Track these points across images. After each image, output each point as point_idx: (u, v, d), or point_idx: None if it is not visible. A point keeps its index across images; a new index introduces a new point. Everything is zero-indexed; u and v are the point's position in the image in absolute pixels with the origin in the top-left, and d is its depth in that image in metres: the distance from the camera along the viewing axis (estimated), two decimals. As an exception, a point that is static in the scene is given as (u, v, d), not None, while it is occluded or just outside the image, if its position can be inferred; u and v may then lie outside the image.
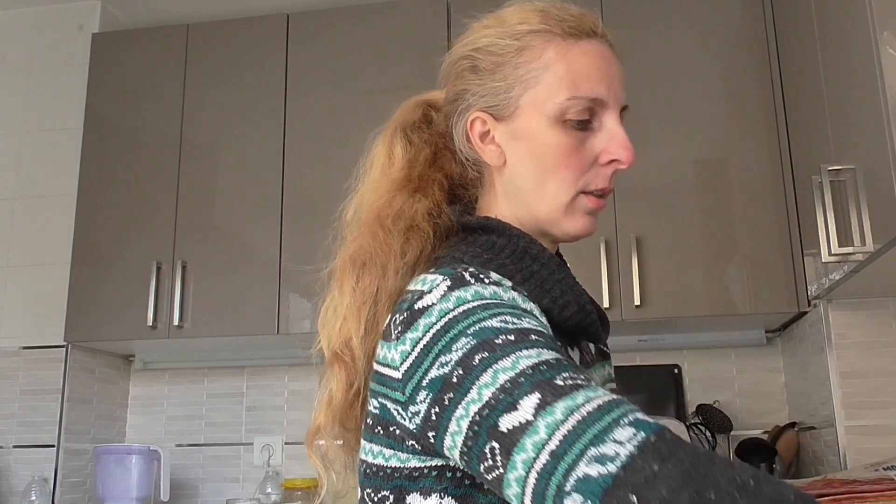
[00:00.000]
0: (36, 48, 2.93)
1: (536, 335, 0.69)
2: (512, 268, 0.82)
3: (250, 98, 2.67)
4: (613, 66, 0.87)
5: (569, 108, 0.83)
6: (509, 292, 0.75)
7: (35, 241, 2.75)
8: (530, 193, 0.86)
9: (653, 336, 2.59)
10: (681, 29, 2.48)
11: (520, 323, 0.70)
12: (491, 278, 0.76)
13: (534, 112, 0.85)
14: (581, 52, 0.85)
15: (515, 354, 0.66)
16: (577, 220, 0.87)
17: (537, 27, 0.85)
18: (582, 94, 0.83)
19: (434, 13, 2.59)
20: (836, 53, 1.88)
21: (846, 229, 1.77)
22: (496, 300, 0.73)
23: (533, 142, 0.85)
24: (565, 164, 0.84)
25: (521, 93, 0.85)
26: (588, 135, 0.85)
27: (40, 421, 2.59)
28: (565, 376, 0.64)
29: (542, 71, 0.84)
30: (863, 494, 1.61)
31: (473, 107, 0.88)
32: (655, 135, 2.41)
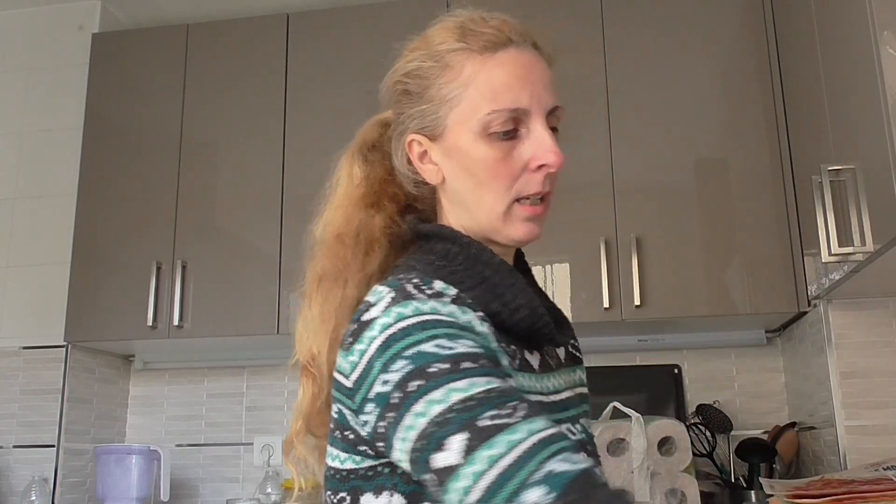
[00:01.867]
0: (36, 48, 2.93)
1: (470, 360, 0.72)
2: (463, 273, 0.85)
3: (250, 98, 2.67)
4: (535, 70, 0.89)
5: (491, 122, 0.85)
6: (448, 306, 0.78)
7: (35, 241, 2.75)
8: (470, 206, 0.89)
9: (653, 336, 2.59)
10: (681, 29, 2.48)
11: (454, 347, 0.72)
12: (433, 289, 0.79)
13: (461, 129, 0.87)
14: (497, 64, 0.87)
15: (447, 387, 0.69)
16: (518, 227, 0.89)
17: (455, 45, 0.88)
18: (502, 106, 0.85)
19: (434, 13, 2.58)
20: (836, 53, 1.88)
21: (846, 229, 1.77)
22: (434, 315, 0.76)
23: (463, 158, 0.87)
24: (495, 176, 0.86)
25: (448, 112, 0.88)
26: (516, 143, 0.87)
27: (40, 421, 2.59)
28: (493, 413, 0.66)
29: (464, 88, 0.87)
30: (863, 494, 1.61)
31: (409, 129, 0.91)
32: (655, 135, 2.41)
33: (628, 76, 2.47)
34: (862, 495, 1.61)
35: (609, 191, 2.39)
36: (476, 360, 0.72)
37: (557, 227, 2.40)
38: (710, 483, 2.31)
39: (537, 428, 0.66)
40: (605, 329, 2.47)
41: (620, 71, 2.47)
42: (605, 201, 2.38)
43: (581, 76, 2.48)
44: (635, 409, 2.16)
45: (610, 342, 2.61)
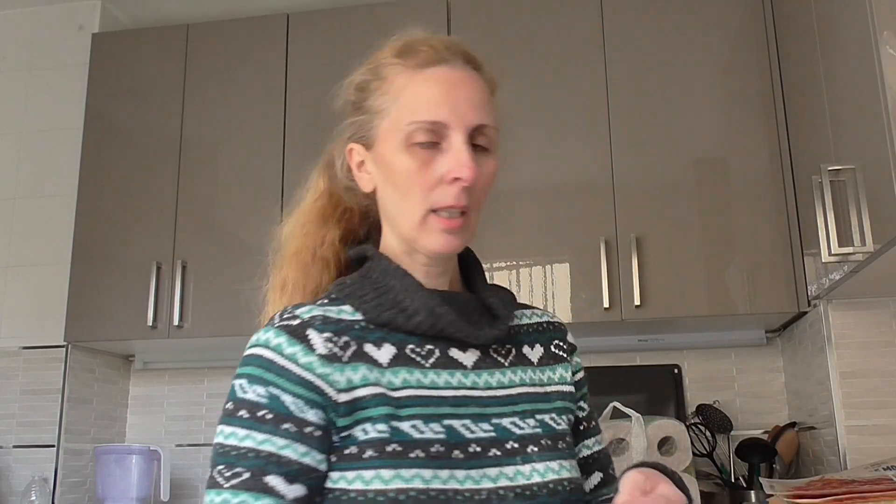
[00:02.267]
0: (36, 48, 2.93)
1: (246, 410, 0.85)
2: (371, 286, 0.94)
3: (250, 98, 2.67)
4: (461, 87, 0.93)
5: (412, 133, 0.91)
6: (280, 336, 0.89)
7: (35, 241, 2.75)
8: (395, 214, 0.95)
9: (653, 336, 2.59)
10: (681, 29, 2.48)
11: (245, 393, 0.86)
12: (292, 313, 0.91)
13: (388, 139, 0.93)
14: (424, 79, 0.92)
15: (220, 427, 0.86)
16: (434, 238, 0.93)
17: (392, 60, 0.95)
18: (421, 118, 0.90)
19: (434, 13, 2.59)
20: (836, 53, 1.88)
21: (846, 229, 1.77)
22: (259, 349, 0.89)
23: (389, 167, 0.94)
24: (412, 185, 0.91)
25: (379, 122, 0.95)
26: (435, 155, 0.91)
27: (40, 421, 2.59)
28: (221, 468, 0.84)
29: (393, 101, 0.93)
30: (863, 494, 1.61)
31: (349, 138, 0.99)
32: (655, 134, 2.41)
33: (628, 76, 2.47)
34: (862, 495, 1.61)
35: (609, 191, 2.39)
36: (253, 410, 0.85)
37: (557, 227, 2.42)
38: (710, 483, 2.31)
39: (236, 500, 0.81)
40: (605, 329, 2.47)
41: (620, 71, 2.47)
42: (605, 201, 2.38)
43: (581, 76, 2.49)
44: (635, 409, 2.16)
45: (610, 342, 2.61)
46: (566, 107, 2.47)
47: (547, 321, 1.07)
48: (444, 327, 0.91)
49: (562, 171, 2.44)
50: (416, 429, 0.86)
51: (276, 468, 0.83)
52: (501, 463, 0.89)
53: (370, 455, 0.85)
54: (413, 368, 0.90)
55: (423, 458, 0.85)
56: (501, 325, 0.97)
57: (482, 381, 0.93)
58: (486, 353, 0.96)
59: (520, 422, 0.93)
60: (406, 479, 0.83)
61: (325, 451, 0.86)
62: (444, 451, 0.86)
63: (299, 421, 0.85)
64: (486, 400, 0.92)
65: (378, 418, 0.86)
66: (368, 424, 0.86)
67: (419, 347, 0.92)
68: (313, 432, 0.85)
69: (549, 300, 2.37)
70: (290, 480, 0.83)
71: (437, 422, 0.88)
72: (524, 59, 2.52)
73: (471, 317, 0.95)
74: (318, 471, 0.85)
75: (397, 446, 0.85)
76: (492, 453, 0.89)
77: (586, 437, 1.05)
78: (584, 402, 1.06)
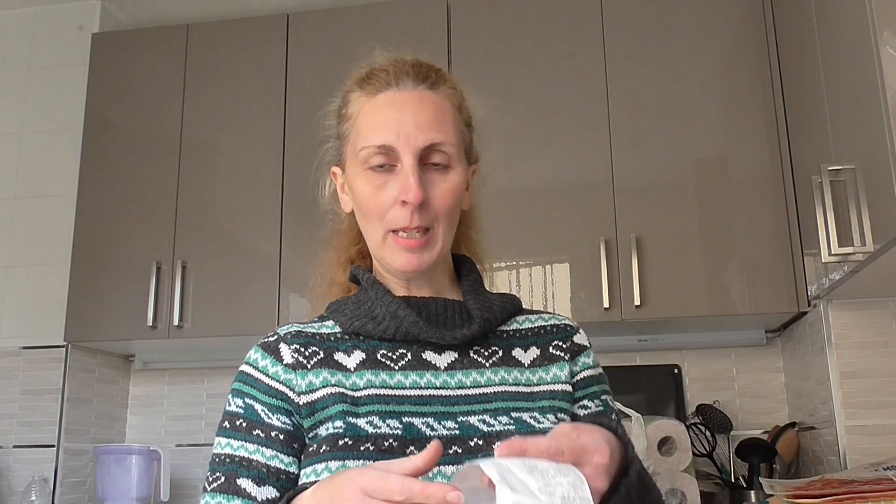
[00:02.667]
0: (36, 48, 2.93)
1: (228, 420, 0.94)
2: (351, 302, 1.01)
3: (250, 98, 2.67)
4: (407, 110, 0.95)
5: (366, 158, 0.95)
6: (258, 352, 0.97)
7: (35, 241, 2.75)
8: (364, 234, 1.01)
9: (653, 336, 2.59)
10: (681, 29, 2.48)
11: (230, 406, 0.95)
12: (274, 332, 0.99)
13: (350, 163, 0.99)
14: (374, 105, 0.97)
15: (218, 438, 0.94)
16: (396, 258, 0.96)
17: (352, 87, 1.01)
18: (370, 142, 0.95)
19: (434, 13, 2.59)
20: (836, 53, 1.88)
21: (846, 229, 1.77)
22: (244, 367, 0.98)
23: (352, 189, 1.00)
24: (369, 207, 0.96)
25: (344, 147, 1.01)
26: (390, 177, 0.95)
27: (40, 421, 2.59)
28: (217, 475, 0.92)
29: (351, 127, 0.99)
30: (863, 494, 1.61)
31: (332, 161, 1.05)
32: (655, 134, 2.41)
33: (628, 76, 2.47)
34: (862, 495, 1.61)
35: (609, 191, 2.39)
36: (233, 420, 0.94)
37: (557, 227, 2.42)
38: (710, 483, 2.31)
39: (213, 502, 0.91)
40: (605, 329, 2.47)
41: (620, 70, 2.47)
42: (605, 201, 2.38)
43: (581, 76, 2.49)
44: (635, 409, 2.16)
45: (610, 342, 2.61)
46: (566, 107, 2.47)
47: (553, 324, 1.06)
48: (407, 329, 0.95)
49: (562, 171, 2.43)
50: (371, 424, 0.89)
51: (245, 472, 0.91)
52: (461, 460, 0.88)
53: (325, 449, 0.88)
54: (379, 371, 0.94)
55: (372, 451, 0.87)
56: (473, 325, 0.98)
57: (454, 380, 0.95)
58: (464, 355, 0.98)
59: (489, 419, 0.93)
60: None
61: (295, 454, 0.92)
62: (398, 445, 0.88)
63: (267, 426, 0.92)
64: (454, 399, 0.94)
65: (336, 415, 0.90)
66: (329, 423, 0.90)
67: (391, 352, 0.96)
68: (278, 436, 0.92)
69: (549, 300, 2.37)
70: (259, 483, 0.90)
71: (396, 418, 0.90)
72: (524, 58, 2.52)
73: (446, 320, 0.99)
74: (287, 472, 0.92)
75: (349, 440, 0.88)
76: (451, 451, 0.89)
77: None
78: (590, 400, 1.03)
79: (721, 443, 2.41)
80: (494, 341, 1.00)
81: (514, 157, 2.43)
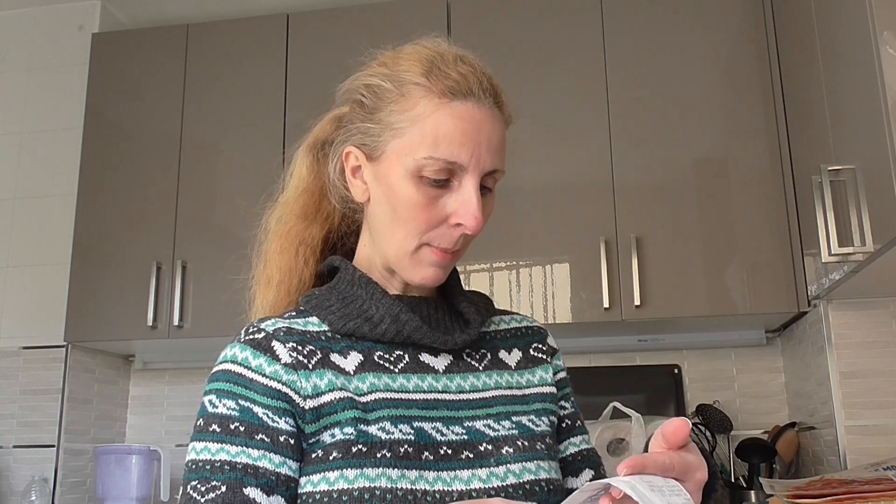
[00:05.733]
0: (36, 48, 2.93)
1: (217, 424, 0.85)
2: (335, 298, 0.94)
3: (250, 98, 2.67)
4: (484, 130, 0.88)
5: (425, 167, 0.86)
6: (246, 350, 0.89)
7: (35, 241, 2.75)
8: (382, 234, 0.92)
9: (653, 336, 2.59)
10: (681, 29, 2.48)
11: (216, 407, 0.87)
12: (258, 327, 0.92)
13: (396, 161, 0.89)
14: (450, 114, 0.87)
15: (192, 443, 0.86)
16: (422, 270, 0.91)
17: (418, 79, 0.88)
18: (439, 155, 0.86)
19: (434, 13, 2.59)
20: (836, 53, 1.88)
21: (846, 229, 1.77)
22: (226, 365, 0.89)
23: (390, 189, 0.90)
24: (413, 217, 0.88)
25: (389, 139, 0.89)
26: (444, 193, 0.88)
27: (40, 421, 2.59)
28: (195, 484, 0.83)
29: (410, 124, 0.88)
30: (863, 494, 1.61)
31: (350, 140, 0.94)
32: (655, 134, 2.41)
33: (628, 76, 2.47)
34: (862, 495, 1.61)
35: (609, 191, 2.39)
36: (225, 424, 0.85)
37: (557, 227, 2.42)
38: (710, 483, 2.31)
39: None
40: (605, 329, 2.47)
41: (620, 71, 2.47)
42: (605, 201, 2.38)
43: (581, 76, 2.49)
44: (635, 409, 2.16)
45: (610, 342, 2.61)
46: (566, 107, 2.47)
47: (526, 326, 1.06)
48: (409, 334, 0.91)
49: (562, 171, 2.43)
50: (383, 430, 0.85)
51: (253, 480, 0.82)
52: (474, 465, 0.88)
53: (335, 456, 0.84)
54: (381, 374, 0.90)
55: (389, 458, 0.84)
56: (472, 330, 0.96)
57: (454, 384, 0.93)
58: (458, 358, 0.95)
59: (494, 424, 0.92)
60: (371, 479, 0.82)
61: (299, 460, 0.86)
62: (413, 451, 0.85)
63: (272, 431, 0.85)
64: (458, 403, 0.92)
65: (345, 422, 0.85)
66: (336, 429, 0.85)
67: (388, 354, 0.92)
68: (287, 441, 0.85)
69: (549, 300, 2.37)
70: (268, 492, 0.83)
71: (407, 423, 0.87)
72: (524, 59, 2.52)
73: (440, 323, 0.96)
74: (294, 479, 0.85)
75: (363, 447, 0.84)
76: (464, 455, 0.88)
77: (572, 434, 1.04)
78: (566, 401, 1.05)
79: (721, 443, 2.41)
80: (481, 343, 0.99)
81: (514, 157, 2.42)
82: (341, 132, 0.97)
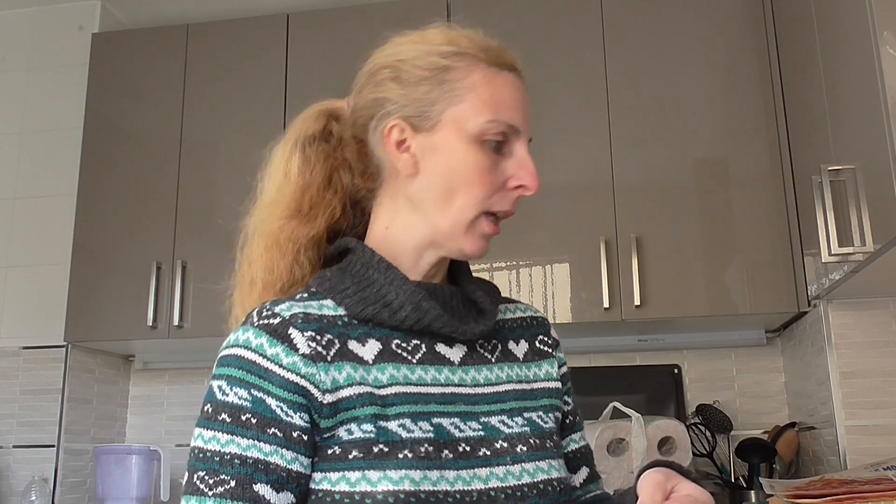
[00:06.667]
0: (36, 48, 2.93)
1: (227, 413, 0.82)
2: (349, 281, 0.91)
3: (250, 98, 2.67)
4: (526, 100, 0.95)
5: (488, 130, 0.89)
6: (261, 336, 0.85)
7: (35, 241, 2.75)
8: (435, 206, 0.91)
9: (653, 336, 2.59)
10: (681, 29, 2.48)
11: (226, 395, 0.83)
12: (271, 311, 0.87)
13: (454, 128, 0.90)
14: (503, 82, 0.92)
15: (199, 430, 0.84)
16: (474, 241, 0.92)
17: (465, 50, 0.92)
18: (501, 118, 0.90)
19: (434, 13, 2.59)
20: (836, 53, 1.88)
21: (846, 229, 1.77)
22: (237, 350, 0.85)
23: (451, 156, 0.90)
24: (478, 182, 0.89)
25: (444, 108, 0.90)
26: (500, 158, 0.91)
27: (40, 421, 2.59)
28: (202, 475, 0.80)
29: (467, 91, 0.90)
30: (863, 494, 1.61)
31: (393, 115, 0.92)
32: (655, 134, 2.41)
33: (628, 76, 2.47)
34: (862, 495, 1.61)
35: (609, 191, 2.39)
36: (236, 414, 0.82)
37: (557, 227, 2.42)
38: (710, 483, 2.31)
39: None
40: (605, 329, 2.47)
41: (620, 71, 2.47)
42: (605, 201, 2.38)
43: (581, 76, 2.49)
44: (635, 409, 2.16)
45: (610, 342, 2.61)
46: (566, 107, 2.47)
47: (531, 316, 1.05)
48: (430, 322, 0.89)
49: (562, 171, 2.43)
50: (403, 428, 0.84)
51: (263, 476, 0.80)
52: (491, 463, 0.87)
53: (355, 456, 0.82)
54: (399, 364, 0.87)
55: (411, 458, 0.82)
56: (488, 320, 0.95)
57: (469, 377, 0.91)
58: (472, 349, 0.94)
59: (508, 420, 0.91)
60: (394, 481, 0.81)
61: (311, 456, 0.84)
62: (433, 450, 0.84)
63: (285, 425, 0.82)
64: (474, 397, 0.90)
65: (364, 418, 0.83)
66: (353, 425, 0.83)
67: (405, 342, 0.89)
68: (301, 436, 0.82)
69: (549, 300, 2.37)
70: (278, 489, 0.81)
71: (426, 420, 0.85)
72: (524, 59, 2.50)
73: (456, 311, 0.93)
74: (305, 476, 0.83)
75: (384, 447, 0.82)
76: (481, 453, 0.87)
77: (573, 431, 1.04)
78: (568, 396, 1.05)
79: (721, 443, 2.41)
80: (492, 334, 0.98)
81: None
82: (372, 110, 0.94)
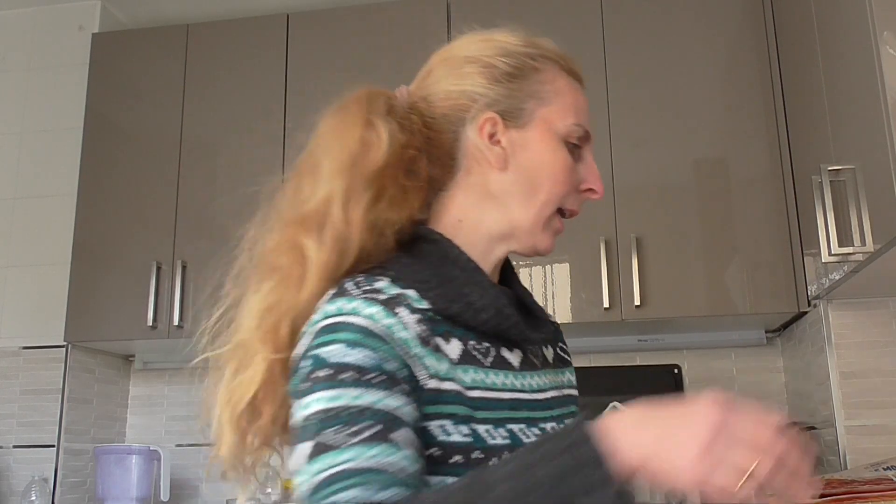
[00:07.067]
0: (36, 48, 2.93)
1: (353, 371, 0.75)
2: (429, 273, 0.86)
3: (250, 98, 2.67)
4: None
5: (573, 133, 0.93)
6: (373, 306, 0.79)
7: (35, 241, 2.75)
8: (519, 200, 0.91)
9: (653, 336, 2.59)
10: (681, 29, 2.48)
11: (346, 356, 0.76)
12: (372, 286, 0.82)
13: (544, 127, 0.92)
14: (578, 91, 0.96)
15: (317, 394, 0.75)
16: (547, 238, 0.94)
17: (550, 55, 0.97)
18: (583, 122, 0.94)
19: (434, 13, 2.59)
20: (836, 53, 1.88)
21: (846, 229, 1.77)
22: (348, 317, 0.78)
23: (541, 153, 0.92)
24: (561, 181, 0.92)
25: (536, 107, 0.92)
26: (575, 162, 0.94)
27: (40, 421, 2.59)
28: (337, 429, 0.72)
29: (556, 94, 0.93)
30: (863, 494, 1.61)
31: (487, 108, 0.92)
32: (655, 134, 2.41)
33: (628, 76, 2.47)
34: (862, 495, 1.61)
35: (609, 191, 2.39)
36: (362, 372, 0.75)
37: (557, 227, 2.42)
38: (710, 483, 2.31)
39: (370, 454, 0.71)
40: (605, 329, 2.47)
41: (620, 71, 2.47)
42: (605, 201, 2.38)
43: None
44: (635, 409, 2.16)
45: (610, 342, 2.61)
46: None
47: (551, 321, 1.05)
48: (508, 328, 0.88)
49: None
50: (489, 434, 0.82)
51: (398, 427, 0.74)
52: None
53: (457, 461, 0.79)
54: (477, 367, 0.85)
55: None
56: (546, 327, 0.96)
57: (527, 383, 0.91)
58: (525, 354, 0.93)
59: (557, 427, 0.91)
60: None
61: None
62: None
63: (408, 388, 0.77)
64: (532, 403, 0.90)
65: (459, 418, 0.81)
66: (448, 423, 0.80)
67: (478, 345, 0.86)
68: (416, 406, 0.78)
69: (549, 300, 2.37)
70: (408, 445, 0.75)
71: (502, 426, 0.84)
72: (524, 59, 2.52)
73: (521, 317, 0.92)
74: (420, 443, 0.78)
75: (479, 453, 0.80)
76: None
77: None
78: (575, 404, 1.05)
79: (721, 443, 2.41)
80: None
81: (514, 157, 2.43)
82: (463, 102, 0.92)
